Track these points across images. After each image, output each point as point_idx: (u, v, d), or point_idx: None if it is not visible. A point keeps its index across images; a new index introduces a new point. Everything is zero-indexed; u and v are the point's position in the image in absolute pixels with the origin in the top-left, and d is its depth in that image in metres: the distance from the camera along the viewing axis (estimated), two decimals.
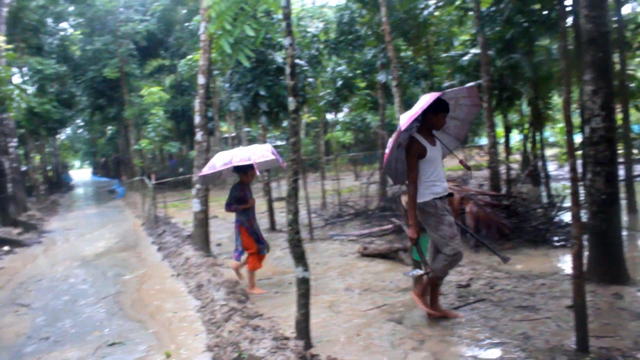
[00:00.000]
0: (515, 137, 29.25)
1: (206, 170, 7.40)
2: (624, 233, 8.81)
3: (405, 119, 4.90)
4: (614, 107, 6.11)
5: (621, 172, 12.68)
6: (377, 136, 22.13)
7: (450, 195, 5.48)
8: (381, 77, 14.79)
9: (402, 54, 18.24)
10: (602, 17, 6.04)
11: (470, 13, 13.52)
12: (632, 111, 17.23)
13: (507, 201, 9.59)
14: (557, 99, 19.21)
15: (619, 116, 13.04)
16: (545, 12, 11.48)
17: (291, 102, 4.91)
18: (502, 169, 13.77)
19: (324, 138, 28.87)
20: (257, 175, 7.47)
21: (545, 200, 12.36)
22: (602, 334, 4.74)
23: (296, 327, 4.89)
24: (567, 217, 10.35)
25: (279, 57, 10.92)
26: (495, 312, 5.57)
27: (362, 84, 21.26)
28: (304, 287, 4.84)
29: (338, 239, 10.68)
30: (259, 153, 7.26)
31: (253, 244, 7.29)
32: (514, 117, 18.86)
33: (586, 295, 5.81)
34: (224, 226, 14.33)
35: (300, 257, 4.85)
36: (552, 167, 21.21)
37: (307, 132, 38.58)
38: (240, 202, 7.29)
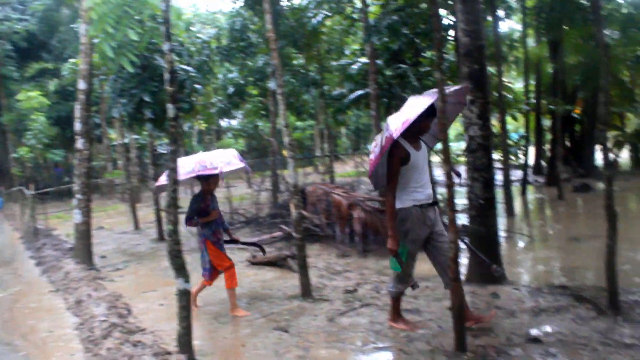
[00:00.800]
0: None
1: (164, 179, 6.21)
2: (503, 235, 9.34)
3: (397, 124, 4.46)
4: (489, 116, 6.44)
5: (500, 177, 13.41)
6: (269, 143, 22.11)
7: (435, 203, 5.05)
8: (272, 84, 14.80)
9: (295, 61, 18.38)
10: (478, 31, 6.35)
11: (361, 23, 13.86)
12: (509, 120, 18.34)
13: None
14: None
15: (498, 125, 13.82)
16: (427, 25, 11.95)
17: (170, 109, 4.76)
18: None
19: (217, 145, 28.49)
20: (220, 183, 6.65)
21: None
22: (479, 332, 4.93)
23: (178, 341, 4.72)
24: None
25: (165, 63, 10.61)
26: (380, 316, 5.66)
27: (255, 91, 21.19)
28: (185, 299, 4.68)
29: (228, 247, 10.50)
30: (225, 159, 6.41)
31: (225, 257, 6.43)
32: None
33: (466, 295, 6.09)
34: (110, 237, 13.75)
35: (180, 269, 4.69)
36: (439, 172, 22.07)
37: (200, 140, 37.96)
38: (202, 215, 6.30)
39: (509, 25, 23.08)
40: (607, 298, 5.34)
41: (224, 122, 32.24)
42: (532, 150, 21.77)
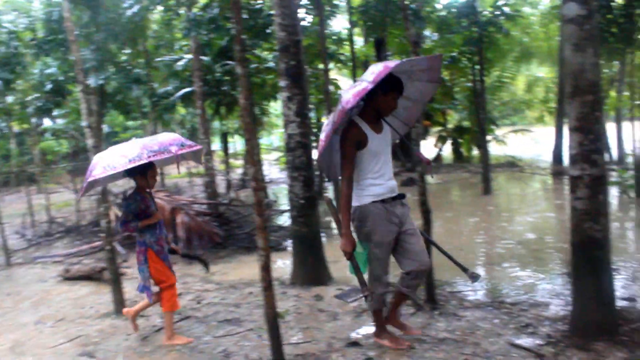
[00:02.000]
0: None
1: (99, 172, 4.61)
2: (335, 233, 9.36)
3: (349, 95, 3.68)
4: (308, 113, 6.30)
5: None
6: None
7: (402, 196, 4.23)
8: (91, 80, 13.69)
9: (125, 57, 17.28)
10: (294, 26, 6.18)
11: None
12: None
13: (222, 208, 9.49)
14: (274, 105, 20.04)
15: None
16: (253, 20, 11.71)
17: None
18: (234, 175, 13.74)
19: (37, 147, 26.17)
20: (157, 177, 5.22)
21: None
22: (301, 339, 4.75)
23: None
24: (281, 219, 10.68)
25: None
26: (199, 329, 5.29)
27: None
28: None
29: (41, 261, 9.51)
30: (177, 141, 4.94)
31: (169, 273, 5.05)
32: (235, 123, 19.19)
33: (289, 299, 5.92)
34: None
35: None
36: (275, 171, 22.12)
37: (22, 141, 34.73)
38: (142, 217, 4.97)
39: (342, 24, 23.72)
40: (424, 292, 5.41)
41: (48, 122, 29.71)
42: None
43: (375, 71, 3.65)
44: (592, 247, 4.06)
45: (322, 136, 4.05)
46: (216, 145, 28.44)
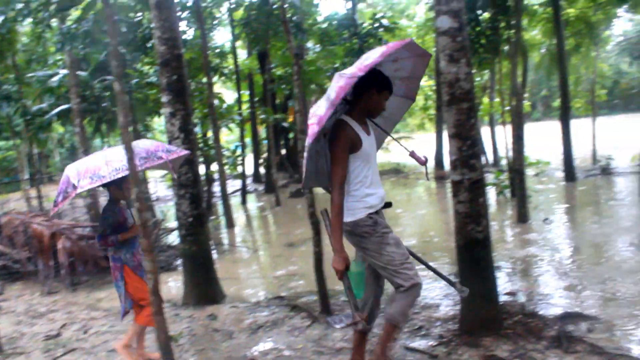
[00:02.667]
0: None
1: (87, 183, 4.17)
2: (226, 248, 9.20)
3: (353, 69, 3.21)
4: (192, 128, 6.16)
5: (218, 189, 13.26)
6: None
7: (389, 205, 3.78)
8: None
9: None
10: (174, 39, 6.03)
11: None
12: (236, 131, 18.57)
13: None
14: (158, 121, 19.55)
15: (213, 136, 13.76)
16: (132, 34, 11.36)
17: None
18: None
19: None
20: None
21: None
22: None
23: None
24: (170, 238, 10.39)
25: None
26: None
27: None
28: None
29: None
30: (162, 147, 4.60)
31: (147, 290, 4.38)
32: (118, 140, 18.47)
33: (183, 320, 5.74)
34: None
35: None
36: (162, 188, 21.52)
37: None
38: (119, 230, 4.50)
39: (225, 37, 23.56)
40: (319, 304, 5.43)
41: None
42: (251, 160, 22.45)
43: (373, 55, 3.26)
44: (475, 247, 4.25)
45: (314, 120, 3.35)
46: None
